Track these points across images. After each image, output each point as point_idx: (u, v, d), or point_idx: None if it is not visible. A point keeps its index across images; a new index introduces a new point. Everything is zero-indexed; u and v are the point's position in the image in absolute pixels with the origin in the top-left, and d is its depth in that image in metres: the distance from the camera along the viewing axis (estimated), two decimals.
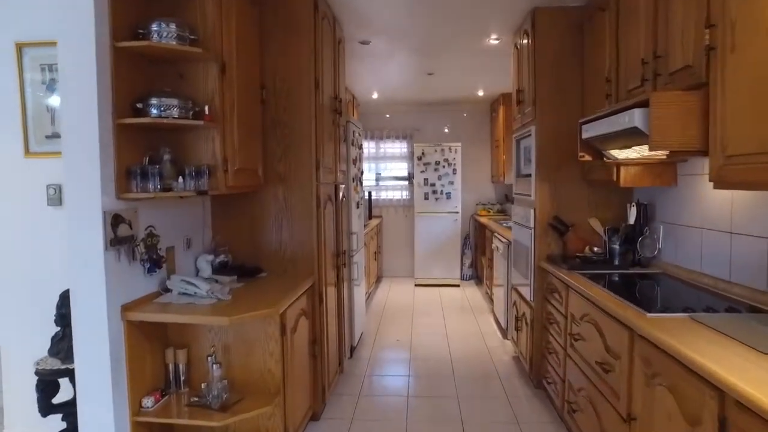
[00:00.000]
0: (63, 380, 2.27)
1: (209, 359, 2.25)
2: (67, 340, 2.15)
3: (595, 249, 3.10)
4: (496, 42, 4.12)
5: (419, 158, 6.83)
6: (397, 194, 7.55)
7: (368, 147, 7.43)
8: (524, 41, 3.52)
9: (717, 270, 2.26)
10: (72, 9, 1.86)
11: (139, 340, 2.14)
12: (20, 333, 2.56)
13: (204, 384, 2.22)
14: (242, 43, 2.55)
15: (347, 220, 3.99)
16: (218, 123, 2.31)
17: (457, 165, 6.79)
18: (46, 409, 2.22)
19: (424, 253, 6.91)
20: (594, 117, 2.49)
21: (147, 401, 2.12)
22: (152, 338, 2.24)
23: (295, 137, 2.94)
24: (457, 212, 6.85)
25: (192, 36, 2.18)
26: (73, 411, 2.05)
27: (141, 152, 2.16)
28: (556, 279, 2.91)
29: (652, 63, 2.17)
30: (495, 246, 5.01)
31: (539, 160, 3.29)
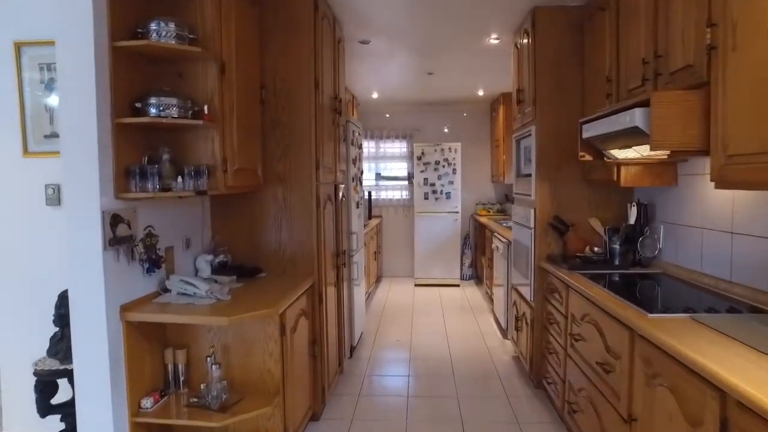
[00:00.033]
0: (62, 381, 2.26)
1: (208, 360, 2.24)
2: (66, 341, 2.15)
3: (596, 249, 3.10)
4: (497, 41, 4.11)
5: (419, 158, 6.83)
6: (397, 194, 7.54)
7: (368, 147, 7.42)
8: (524, 41, 3.51)
9: (718, 270, 2.26)
10: (70, 8, 1.85)
11: (138, 341, 2.13)
12: (19, 333, 2.56)
13: (203, 384, 2.21)
14: (242, 43, 2.55)
15: (347, 220, 3.98)
16: (217, 123, 2.30)
17: (457, 165, 6.79)
18: (45, 410, 2.21)
19: (424, 253, 6.90)
20: (594, 116, 2.49)
21: (146, 402, 2.12)
22: (151, 338, 2.23)
23: (295, 137, 2.93)
24: (457, 212, 6.84)
25: (191, 35, 2.17)
26: (72, 412, 2.04)
27: (140, 152, 2.15)
28: (557, 279, 2.90)
29: (653, 62, 2.17)
30: (495, 246, 5.01)
31: (539, 160, 3.28)
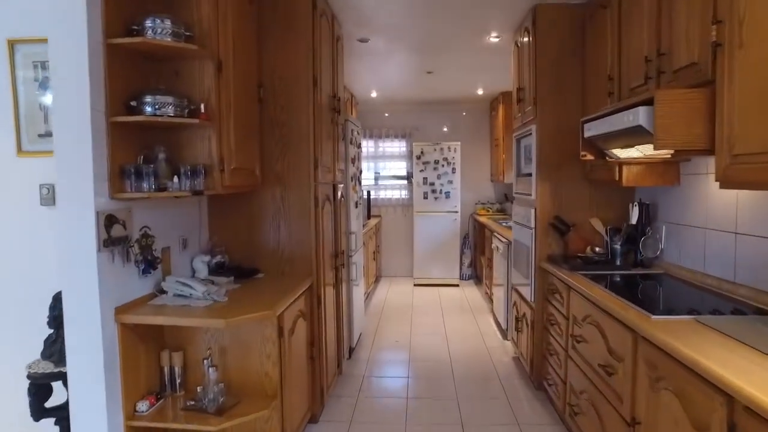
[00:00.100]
0: (56, 384, 2.22)
1: (205, 362, 2.21)
2: (60, 343, 2.11)
3: (597, 249, 3.07)
4: (497, 40, 4.08)
5: (418, 157, 6.79)
6: (396, 193, 7.51)
7: (367, 146, 7.38)
8: (525, 39, 3.48)
9: (721, 271, 2.23)
10: (64, 4, 1.81)
11: (134, 343, 2.10)
12: (12, 335, 2.52)
13: (200, 387, 2.18)
14: (239, 41, 2.51)
15: (346, 220, 3.95)
16: (214, 122, 2.26)
17: (457, 164, 6.76)
18: (39, 413, 2.17)
19: (423, 253, 6.87)
20: (596, 115, 2.46)
21: (141, 405, 2.08)
22: (147, 340, 2.20)
23: (293, 136, 2.90)
24: (457, 212, 6.81)
25: (187, 33, 2.14)
26: (66, 415, 2.00)
27: (135, 151, 2.12)
28: (557, 279, 2.87)
29: (656, 60, 2.14)
30: (495, 246, 4.98)
31: (540, 159, 3.25)
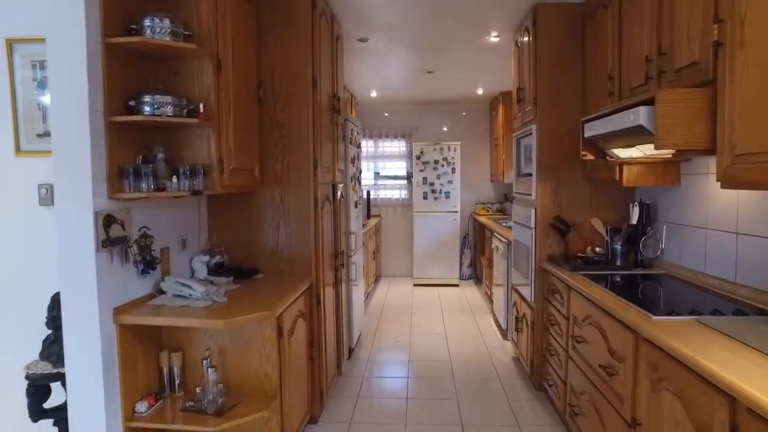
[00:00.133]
0: (55, 384, 2.22)
1: (204, 363, 2.20)
2: (59, 344, 2.10)
3: (597, 249, 3.06)
4: (497, 39, 4.07)
5: (418, 157, 6.78)
6: (396, 193, 7.50)
7: (367, 146, 7.37)
8: (525, 39, 3.47)
9: (722, 271, 2.22)
10: (62, 3, 1.80)
11: (132, 343, 2.09)
12: (10, 336, 2.51)
13: (199, 388, 2.17)
14: (238, 40, 2.50)
15: (345, 220, 3.94)
16: (213, 121, 2.25)
17: (456, 164, 6.75)
18: (37, 414, 2.16)
19: (423, 253, 6.86)
20: (597, 115, 2.45)
21: (140, 406, 2.07)
22: (146, 341, 2.19)
23: (293, 136, 2.89)
24: (456, 211, 6.80)
25: (186, 32, 2.13)
26: (65, 416, 1.99)
27: (134, 151, 2.11)
28: (558, 280, 2.86)
29: (657, 60, 2.13)
30: (495, 246, 4.97)
31: (540, 159, 3.24)
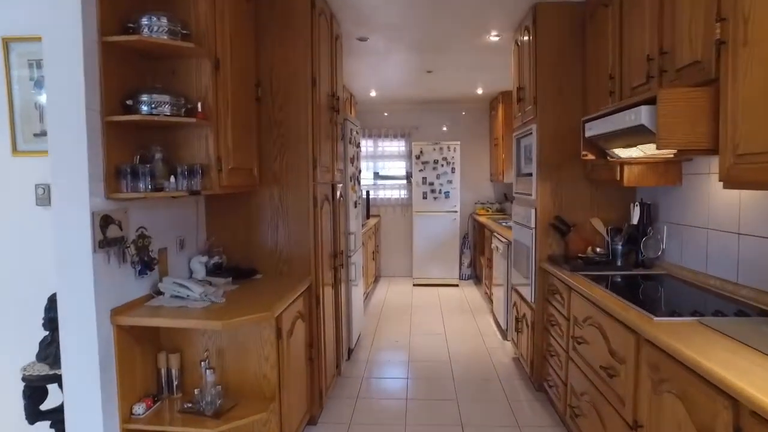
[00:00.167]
0: (52, 386, 2.20)
1: (203, 364, 2.19)
2: (56, 345, 2.08)
3: (598, 249, 3.05)
4: (497, 39, 4.06)
5: (417, 157, 6.77)
6: (396, 193, 7.48)
7: (366, 145, 7.36)
8: (525, 38, 3.46)
9: (724, 271, 2.21)
10: (58, 2, 1.79)
11: (130, 345, 2.07)
12: (7, 337, 2.49)
13: (197, 390, 2.16)
14: (237, 39, 2.49)
15: (345, 220, 3.92)
16: (212, 121, 2.24)
17: (456, 164, 6.73)
18: (34, 416, 2.15)
19: (423, 253, 6.85)
20: (598, 115, 2.43)
21: (138, 408, 2.06)
22: (144, 342, 2.17)
23: (292, 136, 2.87)
24: (456, 211, 6.78)
25: (184, 31, 2.11)
26: (62, 418, 1.98)
27: (131, 151, 2.09)
28: (558, 280, 2.85)
29: (658, 59, 2.12)
30: (494, 246, 4.95)
31: (540, 159, 3.23)
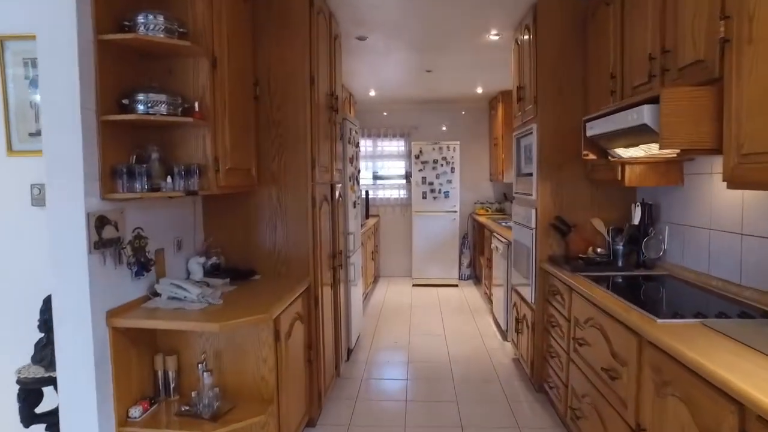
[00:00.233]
0: (47, 388, 2.17)
1: (200, 366, 2.16)
2: (52, 347, 2.05)
3: (599, 250, 3.02)
4: (497, 38, 4.03)
5: (417, 157, 6.74)
6: (395, 193, 7.45)
7: (365, 145, 7.33)
8: (525, 37, 3.44)
9: (726, 272, 2.19)
10: None
11: (126, 347, 2.05)
12: (2, 339, 2.46)
13: (194, 392, 2.13)
14: (234, 38, 2.46)
15: (344, 220, 3.90)
16: (209, 120, 2.21)
17: (456, 163, 6.70)
18: (29, 419, 2.12)
19: (422, 253, 6.82)
20: (599, 114, 2.41)
21: (134, 411, 2.03)
22: (140, 344, 2.14)
23: (290, 135, 2.85)
24: (456, 211, 6.76)
25: (181, 29, 2.09)
26: (57, 421, 1.95)
27: (127, 150, 2.07)
28: (558, 281, 2.83)
29: (660, 58, 2.09)
30: (494, 246, 4.93)
31: (541, 159, 3.20)
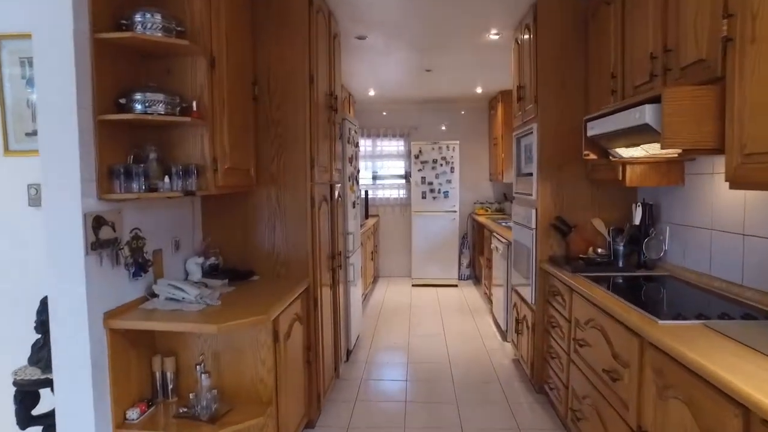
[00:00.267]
0: (44, 390, 2.15)
1: (198, 368, 2.14)
2: (48, 349, 2.03)
3: (599, 250, 3.01)
4: (497, 37, 4.02)
5: (416, 156, 6.72)
6: (395, 193, 7.43)
7: (365, 145, 7.31)
8: (525, 36, 3.42)
9: (728, 273, 2.17)
10: None
11: (124, 348, 2.03)
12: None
13: (192, 394, 2.11)
14: (233, 37, 2.44)
15: (343, 221, 3.88)
16: (207, 120, 2.19)
17: (455, 163, 6.69)
18: (26, 422, 2.10)
19: (422, 253, 6.80)
20: (600, 114, 2.40)
21: (132, 413, 2.02)
22: (138, 346, 2.13)
23: (289, 135, 2.83)
24: (455, 211, 6.74)
25: (179, 28, 2.07)
26: (54, 423, 1.94)
27: (125, 150, 2.05)
28: (559, 281, 2.81)
29: (662, 57, 2.08)
30: (494, 246, 4.92)
31: (541, 159, 3.19)
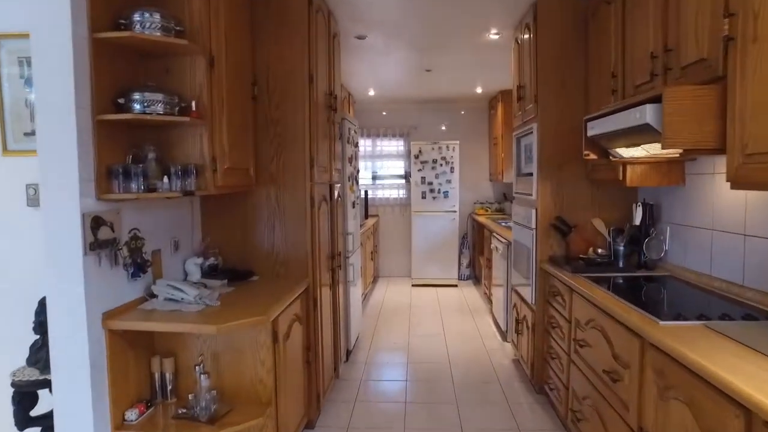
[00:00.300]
0: (42, 391, 2.15)
1: (197, 368, 2.14)
2: (47, 349, 2.03)
3: (599, 250, 3.00)
4: (497, 37, 4.01)
5: (416, 156, 6.72)
6: (394, 193, 7.43)
7: (364, 145, 7.31)
8: (525, 36, 3.41)
9: (729, 274, 2.17)
10: None
11: (123, 349, 2.02)
12: None
13: (191, 395, 2.11)
14: (232, 36, 2.43)
15: (343, 221, 3.87)
16: (206, 120, 2.18)
17: (455, 163, 6.68)
18: (24, 423, 2.10)
19: (422, 253, 6.80)
20: (600, 114, 2.39)
21: (131, 414, 2.01)
22: (137, 346, 2.12)
23: (288, 135, 2.82)
24: (455, 211, 6.74)
25: (178, 27, 2.06)
26: (53, 424, 1.93)
27: (123, 150, 2.04)
28: (559, 281, 2.81)
29: (662, 57, 2.07)
30: (494, 246, 4.91)
31: (541, 159, 3.18)
